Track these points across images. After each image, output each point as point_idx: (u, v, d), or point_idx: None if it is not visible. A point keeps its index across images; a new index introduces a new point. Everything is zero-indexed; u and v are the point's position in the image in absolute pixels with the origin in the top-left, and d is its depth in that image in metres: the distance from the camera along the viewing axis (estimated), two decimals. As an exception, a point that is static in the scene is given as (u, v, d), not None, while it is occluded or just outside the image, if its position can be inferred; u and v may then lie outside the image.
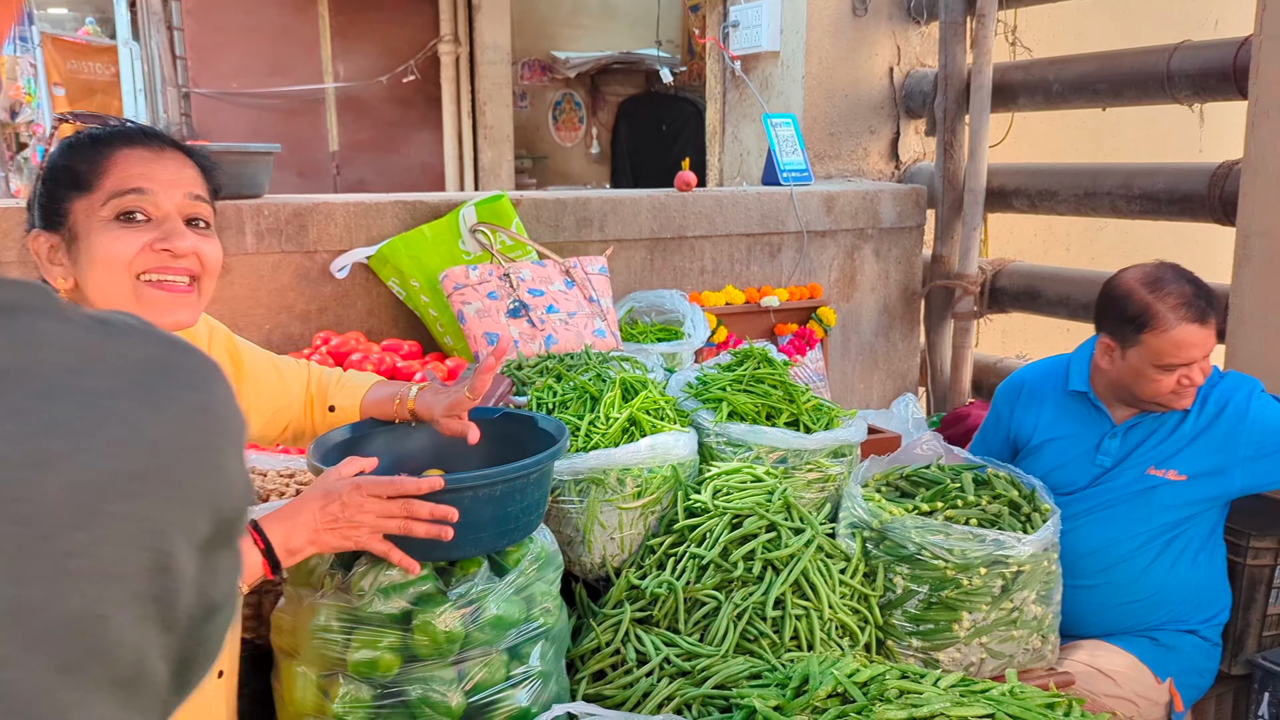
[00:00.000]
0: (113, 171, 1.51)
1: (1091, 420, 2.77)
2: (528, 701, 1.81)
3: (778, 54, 4.59)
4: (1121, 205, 3.78)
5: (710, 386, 2.64)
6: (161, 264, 1.52)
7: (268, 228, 3.17)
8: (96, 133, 1.56)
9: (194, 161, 1.61)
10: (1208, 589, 2.70)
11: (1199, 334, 2.52)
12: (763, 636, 2.13)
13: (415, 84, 8.49)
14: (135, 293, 1.51)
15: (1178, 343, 2.51)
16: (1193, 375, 2.54)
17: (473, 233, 3.28)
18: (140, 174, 1.51)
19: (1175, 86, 3.52)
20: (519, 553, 1.86)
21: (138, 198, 1.51)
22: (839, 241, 4.22)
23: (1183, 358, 2.52)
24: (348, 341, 3.07)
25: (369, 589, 1.73)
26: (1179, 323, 2.51)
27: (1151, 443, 2.66)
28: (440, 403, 1.94)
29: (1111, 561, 2.65)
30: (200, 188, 1.59)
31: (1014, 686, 1.77)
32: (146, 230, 1.51)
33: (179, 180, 1.55)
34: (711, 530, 2.26)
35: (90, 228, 1.50)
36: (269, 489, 2.28)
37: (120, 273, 1.49)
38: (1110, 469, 2.70)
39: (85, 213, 1.50)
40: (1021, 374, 3.01)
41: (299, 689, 1.76)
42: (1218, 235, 3.77)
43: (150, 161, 1.53)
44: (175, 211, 1.54)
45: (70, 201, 1.51)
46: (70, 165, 1.52)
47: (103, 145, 1.54)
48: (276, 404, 1.96)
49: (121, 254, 1.49)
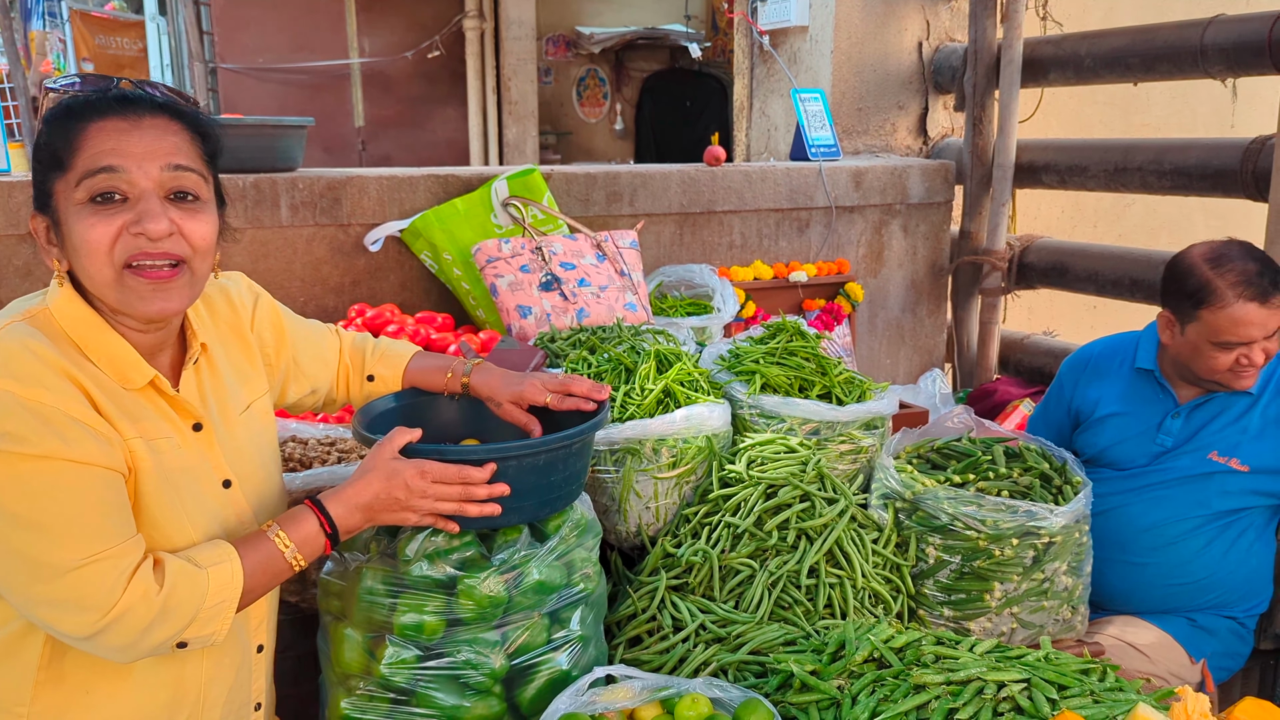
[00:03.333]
0: (84, 148, 1.39)
1: (1155, 399, 2.73)
2: (568, 664, 1.85)
3: (806, 29, 4.57)
4: (1152, 181, 3.77)
5: (743, 359, 2.66)
6: (140, 249, 1.39)
7: (302, 201, 3.20)
8: (71, 103, 1.43)
9: (184, 124, 1.46)
10: (1256, 580, 2.68)
11: (1258, 313, 2.46)
12: (797, 604, 2.16)
13: (440, 60, 8.51)
14: (119, 282, 1.41)
15: (1235, 320, 2.46)
16: (1252, 355, 2.49)
17: (505, 206, 3.31)
18: (111, 149, 1.38)
19: (1208, 61, 3.50)
20: (559, 520, 1.90)
21: (109, 177, 1.38)
22: (867, 217, 4.23)
23: (1240, 336, 2.47)
24: (383, 314, 3.10)
25: (414, 554, 1.77)
26: (1237, 300, 2.46)
27: (1215, 427, 2.64)
28: (508, 389, 1.97)
29: (1165, 541, 2.64)
30: (185, 155, 1.44)
31: (1049, 653, 1.79)
32: (122, 212, 1.39)
33: (156, 150, 1.41)
34: (746, 500, 2.29)
35: (68, 212, 1.40)
36: (310, 456, 2.32)
37: (102, 262, 1.39)
38: (1171, 449, 2.67)
39: (64, 195, 1.40)
40: (1090, 348, 2.97)
41: (346, 650, 1.80)
42: (1247, 211, 3.76)
43: (124, 133, 1.40)
44: (153, 188, 1.40)
45: (52, 182, 1.41)
46: (49, 142, 1.41)
47: (75, 118, 1.41)
48: (313, 371, 1.94)
49: (98, 242, 1.38)
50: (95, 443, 1.38)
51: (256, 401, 1.73)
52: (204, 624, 1.44)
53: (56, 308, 1.45)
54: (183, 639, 1.44)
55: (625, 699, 1.73)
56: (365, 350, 2.03)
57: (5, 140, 2.93)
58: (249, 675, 1.68)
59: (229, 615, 1.47)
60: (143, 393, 1.49)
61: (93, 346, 1.45)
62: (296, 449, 2.35)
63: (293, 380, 1.90)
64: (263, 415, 1.75)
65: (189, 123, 1.48)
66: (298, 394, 1.93)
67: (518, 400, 1.97)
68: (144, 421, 1.48)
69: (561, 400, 1.96)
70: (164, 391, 1.52)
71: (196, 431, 1.56)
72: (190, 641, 1.45)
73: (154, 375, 1.49)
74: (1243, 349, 2.49)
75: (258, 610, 1.68)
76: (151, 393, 1.51)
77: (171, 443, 1.51)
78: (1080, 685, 1.67)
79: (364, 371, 2.02)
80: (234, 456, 1.63)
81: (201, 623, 1.44)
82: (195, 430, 1.56)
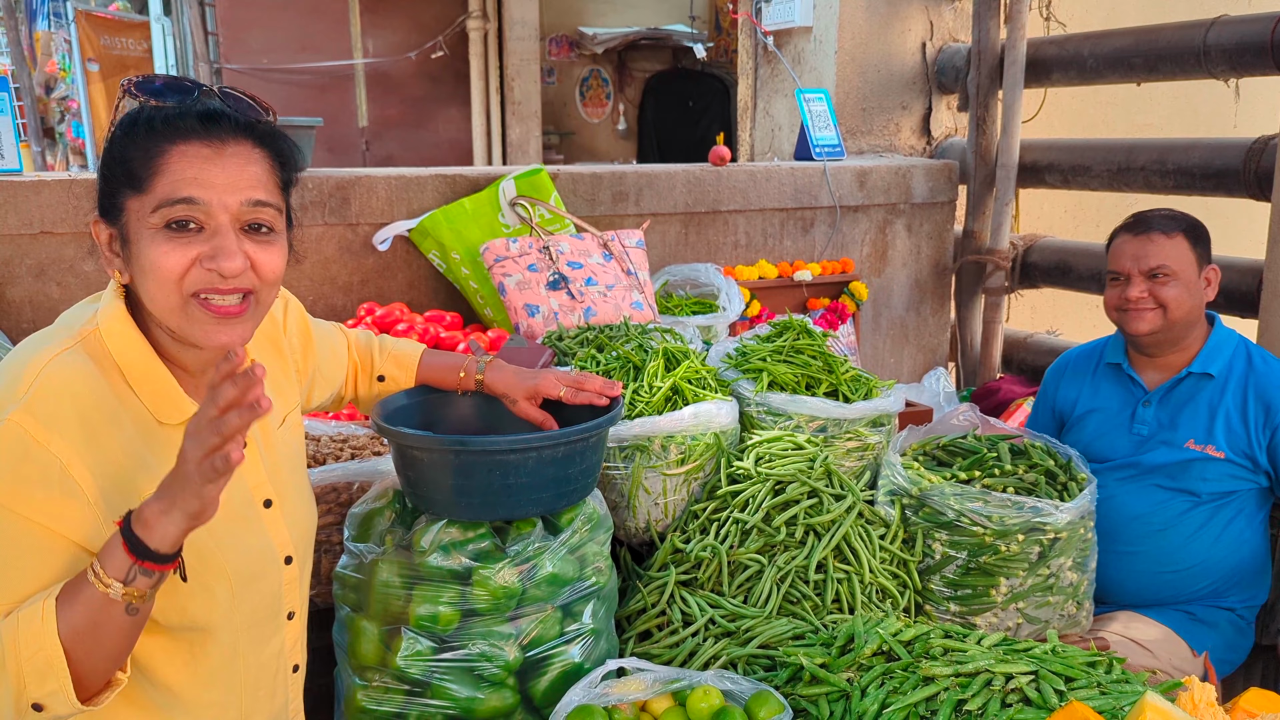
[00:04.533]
0: (165, 173, 1.34)
1: (1126, 390, 2.82)
2: (581, 657, 1.88)
3: (810, 29, 4.60)
4: (1155, 181, 3.79)
5: (750, 357, 2.69)
6: (211, 284, 1.36)
7: (311, 200, 3.23)
8: (153, 116, 1.38)
9: (266, 151, 1.42)
10: (1249, 569, 2.71)
11: (1131, 243, 2.69)
12: (805, 599, 2.18)
13: (444, 60, 8.53)
14: (184, 310, 1.37)
15: (1114, 252, 2.74)
16: (1128, 291, 2.66)
17: (512, 206, 3.33)
18: (194, 179, 1.34)
19: (1211, 61, 3.52)
20: (572, 514, 1.92)
21: (188, 208, 1.34)
22: (871, 216, 4.25)
23: (1117, 266, 2.71)
24: (392, 312, 3.13)
25: (429, 545, 1.79)
26: (1120, 234, 2.75)
27: (1189, 414, 2.69)
28: (523, 385, 1.98)
29: (1153, 530, 2.68)
30: (264, 188, 1.40)
31: (1055, 646, 1.82)
32: (197, 242, 1.35)
33: (238, 184, 1.37)
34: (754, 496, 2.31)
35: (140, 234, 1.36)
36: (324, 454, 2.34)
37: (170, 289, 1.36)
38: (1149, 437, 2.73)
39: (137, 215, 1.36)
40: (1068, 353, 3.09)
41: (363, 643, 1.83)
42: (1249, 211, 3.78)
43: (208, 161, 1.36)
44: (230, 222, 1.37)
45: (125, 199, 1.37)
46: (125, 156, 1.37)
47: (158, 137, 1.36)
48: (331, 373, 1.91)
49: (170, 270, 1.35)
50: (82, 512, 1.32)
51: (291, 414, 1.69)
52: (38, 680, 1.26)
53: (107, 329, 1.41)
54: (34, 700, 1.27)
55: (638, 691, 1.76)
56: (373, 349, 2.01)
57: (17, 141, 2.96)
58: (285, 697, 1.66)
59: (58, 666, 1.26)
60: (178, 428, 1.42)
61: (137, 375, 1.42)
62: (309, 446, 2.37)
63: (316, 386, 1.86)
64: (295, 428, 1.71)
65: (270, 148, 1.43)
66: (319, 399, 1.90)
67: (533, 395, 1.99)
68: (172, 464, 1.35)
69: (575, 394, 1.98)
70: None
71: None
72: (44, 705, 1.28)
73: (192, 413, 1.42)
74: (1123, 285, 2.68)
75: (292, 632, 1.64)
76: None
77: None
78: (1087, 677, 1.70)
79: (374, 371, 2.01)
80: (274, 474, 1.59)
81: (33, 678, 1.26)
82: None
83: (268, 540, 1.55)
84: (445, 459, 1.78)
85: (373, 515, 1.92)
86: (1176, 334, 2.69)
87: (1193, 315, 2.68)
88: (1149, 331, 2.66)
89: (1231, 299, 3.55)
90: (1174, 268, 2.63)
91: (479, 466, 1.77)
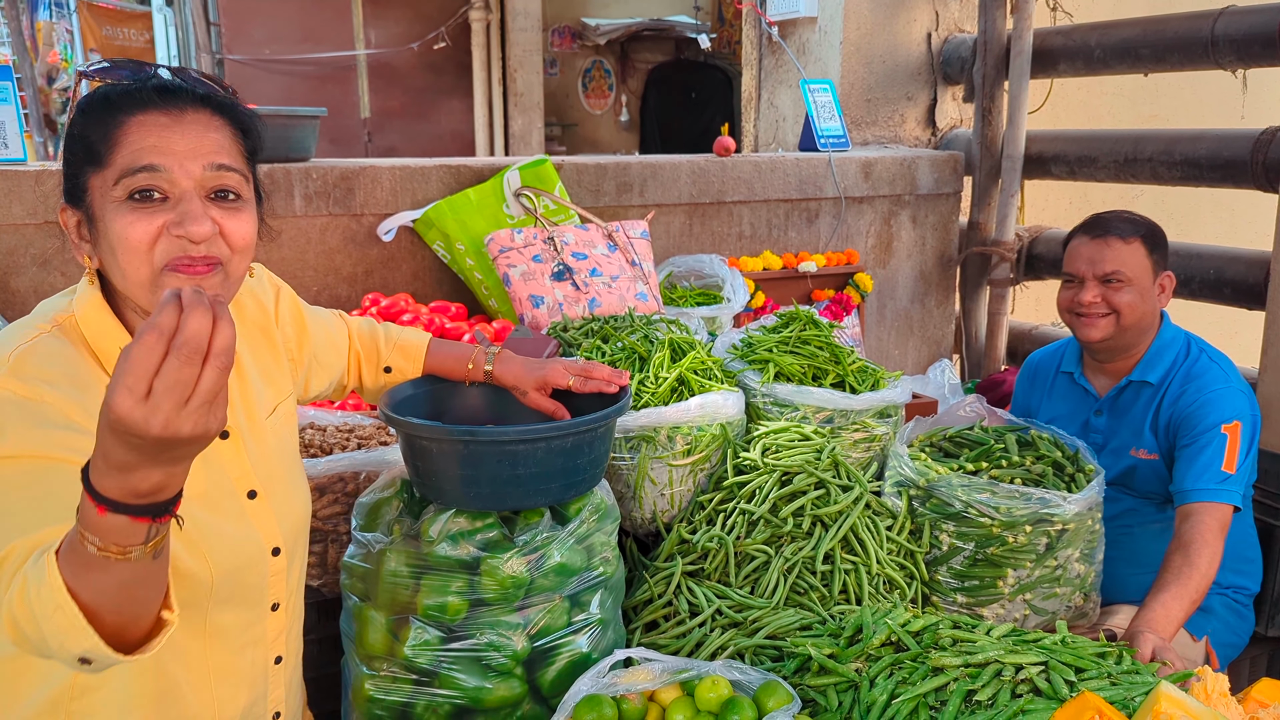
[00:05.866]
0: (124, 144, 1.33)
1: (1081, 399, 2.84)
2: (588, 647, 1.87)
3: (815, 19, 4.58)
4: (1162, 171, 3.78)
5: (756, 348, 2.68)
6: (182, 251, 1.34)
7: (316, 191, 3.22)
8: (108, 92, 1.37)
9: (226, 119, 1.41)
10: (1232, 553, 2.70)
11: (1086, 246, 2.64)
12: (812, 590, 2.18)
13: (446, 51, 8.51)
14: (155, 283, 1.35)
15: (1070, 253, 2.69)
16: (1081, 294, 2.63)
17: (517, 196, 3.32)
18: (153, 146, 1.33)
19: (1219, 52, 3.51)
20: (580, 504, 1.92)
21: (150, 176, 1.32)
22: (876, 208, 4.24)
23: (1071, 268, 2.67)
24: (397, 303, 3.12)
25: (437, 535, 1.79)
26: (1073, 236, 2.71)
27: (1130, 419, 2.71)
28: (532, 375, 1.98)
29: (1123, 533, 2.69)
30: (227, 153, 1.39)
31: (1065, 636, 1.81)
32: (162, 211, 1.34)
33: (199, 149, 1.35)
34: (761, 487, 2.30)
35: (105, 209, 1.34)
36: (330, 443, 2.34)
37: (140, 261, 1.34)
38: (1102, 446, 2.75)
39: (100, 191, 1.34)
40: (1032, 356, 3.10)
41: (370, 632, 1.82)
42: (1255, 202, 3.77)
43: (166, 129, 1.34)
44: (194, 188, 1.35)
45: (87, 177, 1.36)
46: (84, 134, 1.35)
47: (114, 110, 1.35)
48: (330, 361, 1.89)
49: (138, 241, 1.33)
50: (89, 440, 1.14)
51: (283, 404, 1.67)
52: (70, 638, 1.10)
53: (82, 316, 1.40)
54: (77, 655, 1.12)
55: (646, 681, 1.75)
56: (378, 339, 1.99)
57: (21, 130, 2.95)
58: (265, 688, 1.62)
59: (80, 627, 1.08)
60: None
61: (113, 362, 1.38)
62: (315, 435, 2.37)
63: (313, 375, 1.84)
64: (287, 418, 1.69)
65: (231, 118, 1.42)
66: (318, 388, 1.88)
67: (542, 385, 1.99)
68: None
69: (584, 383, 1.98)
70: None
71: (224, 439, 1.51)
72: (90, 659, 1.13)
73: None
74: (1077, 288, 2.65)
75: (276, 623, 1.60)
76: None
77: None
78: (1098, 668, 1.69)
79: (380, 363, 1.99)
80: (260, 464, 1.56)
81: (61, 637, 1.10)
82: (223, 438, 1.51)
83: (252, 531, 1.52)
84: (454, 449, 1.78)
85: (380, 505, 1.92)
86: (1128, 340, 2.68)
87: (1145, 321, 2.66)
88: (1101, 339, 2.65)
89: (1238, 291, 3.54)
90: (1129, 274, 2.60)
91: (488, 456, 1.76)
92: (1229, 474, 2.43)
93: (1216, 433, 2.49)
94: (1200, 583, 2.27)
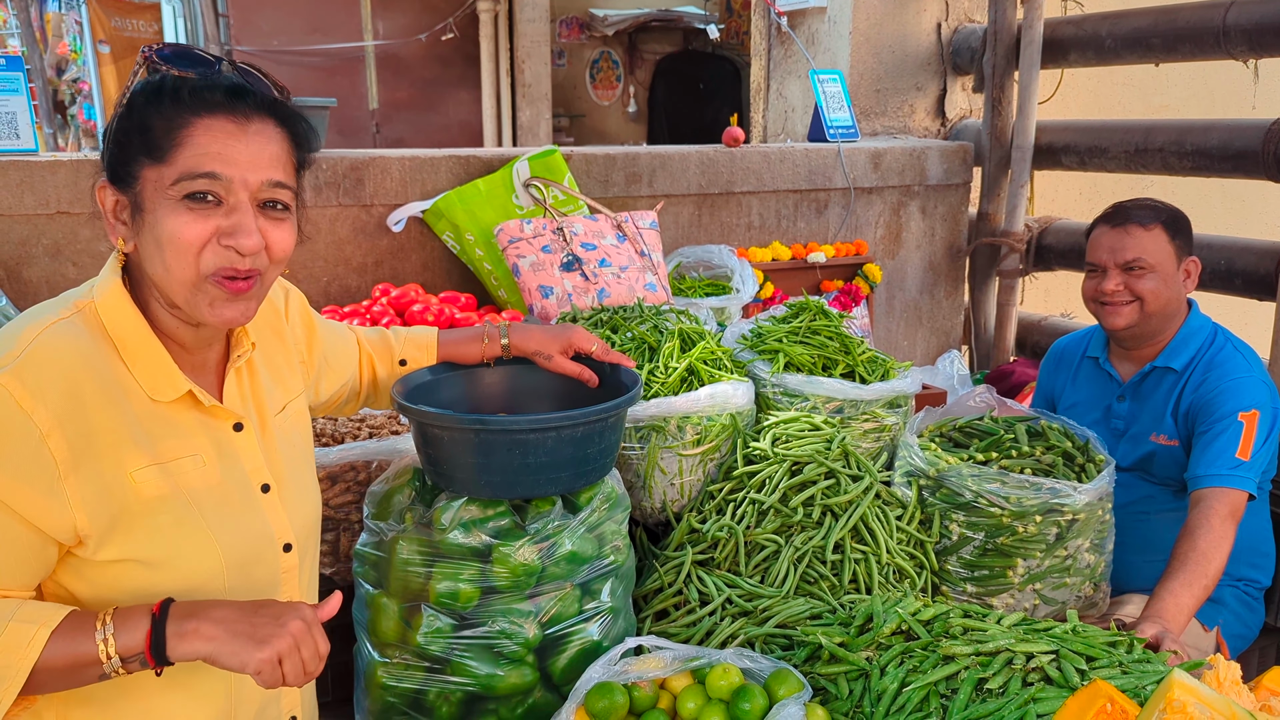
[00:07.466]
0: (189, 145, 1.34)
1: (1105, 384, 2.84)
2: (599, 635, 1.88)
3: (824, 10, 4.57)
4: (1173, 162, 3.76)
5: (766, 338, 2.68)
6: (230, 263, 1.37)
7: (326, 181, 3.22)
8: (179, 86, 1.37)
9: (286, 132, 1.44)
10: (1246, 546, 2.70)
11: (1108, 235, 2.65)
12: (822, 579, 2.18)
13: (454, 42, 8.50)
14: (197, 285, 1.37)
15: (1092, 242, 2.70)
16: (1104, 283, 2.64)
17: (526, 187, 3.32)
18: (218, 154, 1.35)
19: (1231, 42, 3.49)
20: (591, 492, 1.92)
21: (210, 183, 1.34)
22: (885, 198, 4.23)
23: (1094, 257, 2.68)
24: (407, 293, 3.12)
25: (449, 522, 1.79)
26: (1098, 224, 2.71)
27: (1152, 405, 2.71)
28: (556, 340, 2.00)
29: (1138, 520, 2.69)
30: (282, 169, 1.41)
31: (1076, 625, 1.81)
32: (216, 215, 1.36)
33: (259, 162, 1.38)
34: (771, 476, 2.31)
35: (158, 204, 1.35)
36: (342, 433, 2.35)
37: (188, 262, 1.36)
38: (1124, 432, 2.75)
39: (155, 184, 1.35)
40: (1060, 341, 3.09)
41: (383, 620, 1.83)
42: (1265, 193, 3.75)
43: (232, 137, 1.36)
44: (249, 200, 1.38)
45: (141, 167, 1.36)
46: (146, 124, 1.36)
47: (183, 108, 1.36)
48: (341, 365, 1.90)
49: (190, 241, 1.35)
50: (45, 496, 1.31)
51: (293, 402, 1.68)
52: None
53: (102, 303, 1.41)
54: None
55: (657, 669, 1.76)
56: (388, 339, 2.00)
57: (33, 121, 2.95)
58: (277, 691, 1.62)
59: (12, 686, 1.27)
60: (172, 405, 1.44)
61: (131, 351, 1.41)
62: (327, 424, 2.38)
63: (324, 377, 1.85)
64: (299, 416, 1.70)
65: (290, 129, 1.45)
66: (329, 390, 1.88)
67: (566, 349, 1.99)
68: (166, 440, 1.42)
69: (605, 352, 2.01)
70: (198, 401, 1.46)
71: (238, 431, 1.52)
72: None
73: (187, 390, 1.44)
74: (1100, 277, 2.66)
75: None
76: (182, 405, 1.45)
77: (196, 461, 1.45)
78: (1109, 657, 1.69)
79: (394, 358, 1.99)
80: (272, 459, 1.57)
81: None
82: (236, 430, 1.52)
83: (265, 524, 1.53)
84: (466, 437, 1.78)
85: (392, 493, 1.92)
86: (1154, 327, 2.67)
87: (1170, 308, 2.65)
88: (1125, 326, 2.66)
89: (1250, 282, 3.53)
90: (1151, 261, 2.60)
91: (499, 445, 1.77)
92: (1243, 460, 2.43)
93: (1234, 420, 2.49)
94: (1209, 569, 2.27)
